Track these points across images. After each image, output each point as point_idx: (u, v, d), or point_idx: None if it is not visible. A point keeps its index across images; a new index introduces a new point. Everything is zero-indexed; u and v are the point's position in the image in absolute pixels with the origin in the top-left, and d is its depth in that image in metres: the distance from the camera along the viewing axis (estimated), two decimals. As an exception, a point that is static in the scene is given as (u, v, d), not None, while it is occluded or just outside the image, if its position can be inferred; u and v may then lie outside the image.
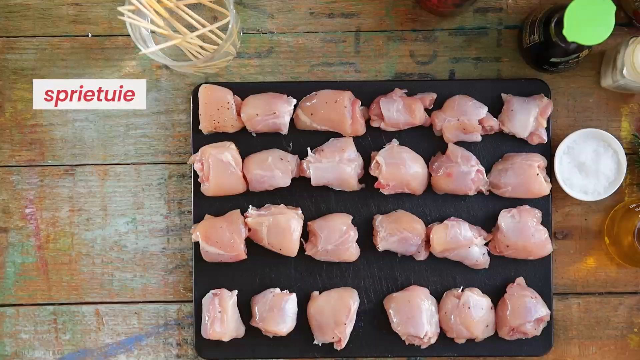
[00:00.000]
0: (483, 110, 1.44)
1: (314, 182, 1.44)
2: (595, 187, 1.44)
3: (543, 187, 1.43)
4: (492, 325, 1.44)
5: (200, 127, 1.45)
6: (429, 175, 1.46)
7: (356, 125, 1.44)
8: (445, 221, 1.44)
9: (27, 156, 1.48)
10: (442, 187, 1.44)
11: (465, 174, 1.43)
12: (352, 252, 1.44)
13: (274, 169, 1.43)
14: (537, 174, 1.43)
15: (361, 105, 1.46)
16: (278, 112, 1.43)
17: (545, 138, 1.45)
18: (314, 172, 1.43)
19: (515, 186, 1.43)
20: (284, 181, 1.44)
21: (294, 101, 1.45)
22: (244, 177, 1.44)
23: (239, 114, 1.45)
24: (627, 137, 1.48)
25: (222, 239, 1.42)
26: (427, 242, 1.45)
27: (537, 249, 1.43)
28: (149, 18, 1.40)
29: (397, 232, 1.42)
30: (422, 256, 1.45)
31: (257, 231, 1.43)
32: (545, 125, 1.44)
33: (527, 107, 1.43)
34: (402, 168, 1.42)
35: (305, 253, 1.45)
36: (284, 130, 1.45)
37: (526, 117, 1.43)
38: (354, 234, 1.44)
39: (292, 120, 1.46)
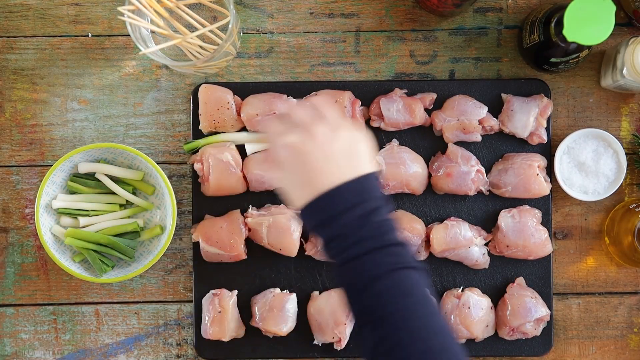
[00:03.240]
0: (483, 110, 1.44)
1: None
2: (595, 187, 1.44)
3: (543, 187, 1.43)
4: (492, 325, 1.45)
5: (200, 127, 1.45)
6: (429, 175, 1.46)
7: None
8: (445, 221, 1.44)
9: (27, 156, 1.48)
10: (442, 187, 1.44)
11: (465, 174, 1.43)
12: None
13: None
14: (537, 174, 1.43)
15: (361, 105, 1.46)
16: (278, 112, 1.43)
17: (545, 138, 1.45)
18: None
19: (515, 186, 1.43)
20: None
21: (294, 101, 1.45)
22: (244, 177, 1.44)
23: (239, 114, 1.45)
24: (627, 137, 1.48)
25: (222, 239, 1.42)
26: (427, 242, 1.45)
27: (537, 249, 1.43)
28: (149, 18, 1.40)
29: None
30: (422, 256, 1.45)
31: (257, 231, 1.43)
32: (545, 125, 1.45)
33: (527, 107, 1.43)
34: (402, 168, 1.42)
35: (305, 253, 1.45)
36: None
37: (526, 117, 1.43)
38: None
39: (292, 120, 1.46)
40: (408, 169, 1.42)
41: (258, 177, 1.43)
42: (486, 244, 1.46)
